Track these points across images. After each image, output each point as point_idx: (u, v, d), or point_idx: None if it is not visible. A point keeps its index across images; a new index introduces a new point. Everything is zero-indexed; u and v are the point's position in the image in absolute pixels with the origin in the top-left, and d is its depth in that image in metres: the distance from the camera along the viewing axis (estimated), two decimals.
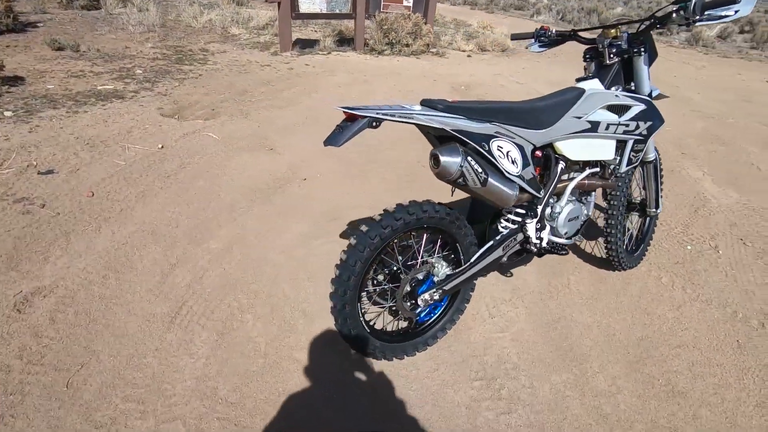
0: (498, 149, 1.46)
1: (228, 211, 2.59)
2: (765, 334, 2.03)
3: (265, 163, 3.21)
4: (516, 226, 1.74)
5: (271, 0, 6.78)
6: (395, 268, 1.59)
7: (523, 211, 1.74)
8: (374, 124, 1.27)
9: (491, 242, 1.67)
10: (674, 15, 1.57)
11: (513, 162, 1.51)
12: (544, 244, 1.79)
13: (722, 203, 3.26)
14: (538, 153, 1.65)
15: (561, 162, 1.71)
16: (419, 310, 1.58)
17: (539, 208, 1.70)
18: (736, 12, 1.54)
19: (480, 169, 1.42)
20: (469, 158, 1.40)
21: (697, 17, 1.55)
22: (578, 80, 1.79)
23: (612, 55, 1.78)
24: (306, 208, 2.70)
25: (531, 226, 1.72)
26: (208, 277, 2.07)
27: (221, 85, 4.92)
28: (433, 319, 1.75)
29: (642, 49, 1.73)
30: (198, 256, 2.20)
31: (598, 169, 1.85)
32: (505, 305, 2.08)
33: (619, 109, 1.75)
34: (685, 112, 5.62)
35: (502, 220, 1.78)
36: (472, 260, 1.62)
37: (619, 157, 1.84)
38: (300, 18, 7.05)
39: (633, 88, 1.85)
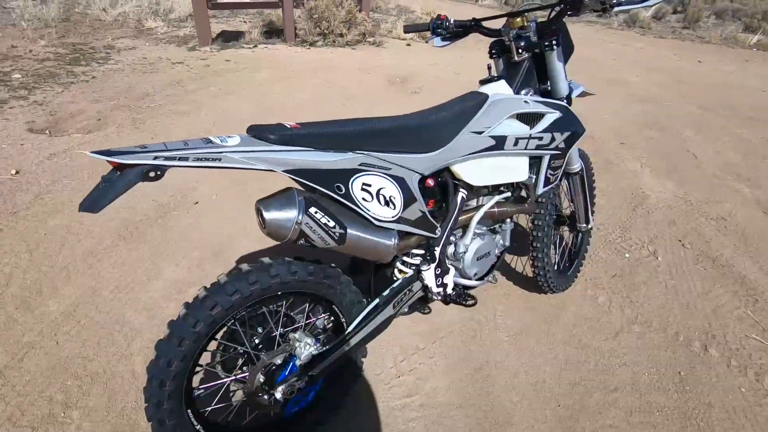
0: (363, 189, 1.07)
1: (84, 256, 2.08)
2: (707, 361, 1.80)
3: (150, 185, 2.69)
4: (411, 273, 1.38)
5: None
6: (243, 351, 1.18)
7: (423, 252, 1.38)
8: (153, 173, 0.85)
9: (377, 300, 1.30)
10: None
11: (388, 203, 1.13)
12: (449, 291, 1.45)
13: (660, 198, 3.07)
14: (431, 182, 1.29)
15: (462, 190, 1.35)
16: (280, 402, 1.19)
17: (437, 251, 1.34)
18: None
19: (332, 223, 1.03)
20: (312, 209, 1.01)
21: (614, 1, 1.22)
22: (482, 82, 1.44)
23: (520, 50, 1.44)
24: (188, 243, 2.24)
25: (429, 273, 1.36)
26: (31, 357, 1.58)
27: (117, 88, 4.28)
28: (306, 405, 1.36)
29: (554, 42, 1.39)
30: (25, 326, 1.70)
31: (509, 194, 1.51)
32: (418, 356, 1.74)
33: (530, 118, 1.41)
34: (623, 97, 5.51)
35: (398, 264, 1.41)
36: (349, 331, 1.24)
37: (534, 176, 1.51)
38: (218, 8, 6.40)
39: (549, 88, 1.52)
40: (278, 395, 1.16)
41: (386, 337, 1.78)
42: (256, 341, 1.22)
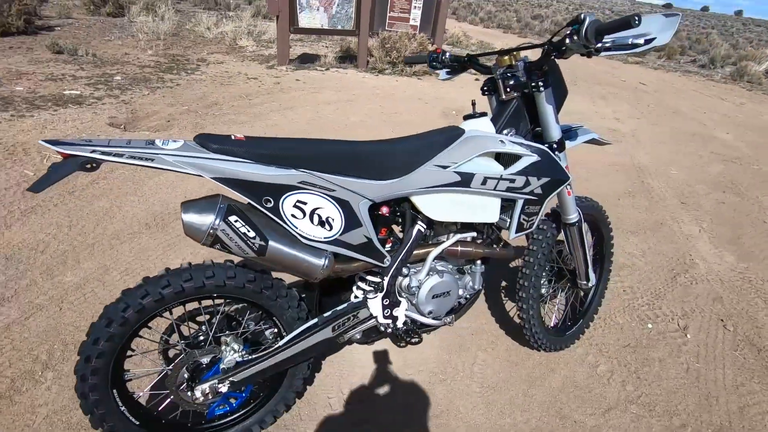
0: (297, 206, 1.10)
1: (111, 238, 2.32)
2: None
3: (189, 183, 2.95)
4: (360, 298, 1.36)
5: (270, 12, 6.71)
6: (180, 345, 1.24)
7: (377, 280, 1.36)
8: (89, 165, 0.94)
9: (315, 319, 1.29)
10: (568, 41, 1.18)
11: (323, 223, 1.14)
12: (399, 324, 1.40)
13: (712, 269, 2.71)
14: (385, 209, 1.28)
15: (420, 223, 1.32)
16: (200, 401, 1.22)
17: (385, 280, 1.31)
18: (647, 41, 1.13)
19: (252, 234, 1.06)
20: (233, 217, 1.05)
21: (597, 45, 1.15)
22: (466, 118, 1.41)
23: (508, 89, 1.39)
24: None
25: (375, 302, 1.33)
26: (35, 318, 1.79)
27: (193, 96, 4.78)
28: (234, 414, 1.38)
29: (540, 83, 1.33)
30: (41, 290, 1.93)
31: (473, 234, 1.44)
32: (378, 388, 1.68)
33: (508, 159, 1.36)
34: (703, 154, 5.00)
35: (354, 288, 1.40)
36: (278, 345, 1.24)
37: (509, 220, 1.43)
38: (299, 32, 6.93)
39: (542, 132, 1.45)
40: (198, 393, 1.19)
41: (351, 361, 1.76)
42: (200, 338, 1.28)
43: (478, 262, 1.50)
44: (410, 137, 1.28)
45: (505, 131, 1.39)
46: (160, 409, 1.34)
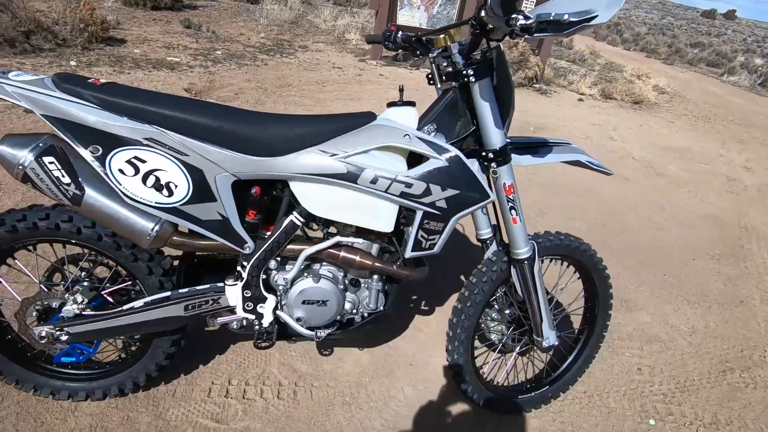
0: (131, 162, 1.01)
1: None
2: None
3: None
4: (222, 283, 1.22)
5: (371, 7, 6.82)
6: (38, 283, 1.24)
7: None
8: None
9: (168, 293, 1.19)
10: (483, 13, 0.89)
11: (161, 187, 1.03)
12: (266, 324, 1.23)
13: None
14: (257, 189, 1.12)
15: (296, 214, 1.14)
16: (40, 343, 1.20)
17: (246, 269, 1.16)
18: (582, 21, 0.80)
19: (68, 180, 0.99)
20: (48, 159, 0.99)
21: (521, 21, 0.84)
22: (390, 105, 1.19)
23: (444, 77, 1.14)
24: None
25: (233, 291, 1.18)
26: None
27: (273, 76, 5.05)
28: (86, 368, 1.35)
29: (471, 72, 1.05)
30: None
31: (358, 240, 1.19)
32: (269, 390, 1.52)
33: (418, 160, 1.10)
34: None
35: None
36: (121, 309, 1.17)
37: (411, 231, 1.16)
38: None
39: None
40: (35, 333, 1.18)
41: (260, 355, 1.64)
42: (81, 283, 1.27)
43: (375, 277, 1.25)
44: (309, 116, 1.12)
45: (426, 127, 1.13)
46: (27, 341, 1.37)
